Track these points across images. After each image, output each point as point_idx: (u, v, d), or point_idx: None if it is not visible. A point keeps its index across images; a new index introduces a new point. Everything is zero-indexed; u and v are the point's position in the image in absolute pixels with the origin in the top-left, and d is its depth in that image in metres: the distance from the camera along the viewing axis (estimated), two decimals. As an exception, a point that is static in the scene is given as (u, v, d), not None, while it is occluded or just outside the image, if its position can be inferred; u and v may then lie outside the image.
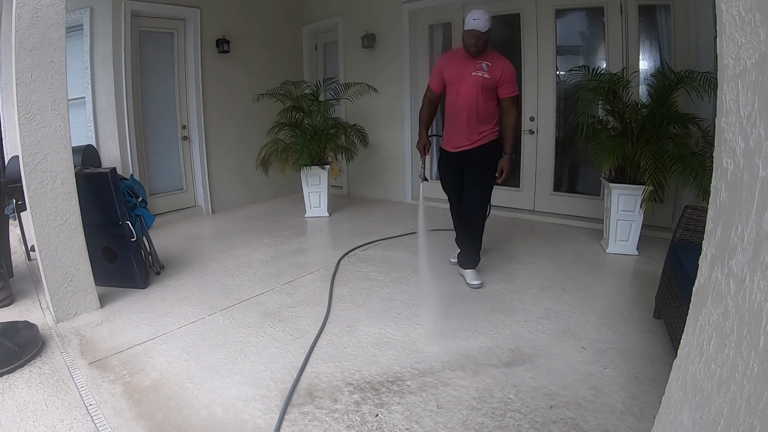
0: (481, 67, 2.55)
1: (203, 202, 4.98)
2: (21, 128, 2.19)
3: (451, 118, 2.73)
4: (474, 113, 2.61)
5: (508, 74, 2.57)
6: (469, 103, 2.60)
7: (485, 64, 2.56)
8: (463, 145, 2.69)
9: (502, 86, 2.58)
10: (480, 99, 2.58)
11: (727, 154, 0.72)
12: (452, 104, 2.69)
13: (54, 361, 2.03)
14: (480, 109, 2.60)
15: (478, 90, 2.57)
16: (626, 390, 1.73)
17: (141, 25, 4.28)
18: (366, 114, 5.24)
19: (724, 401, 0.68)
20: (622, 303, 2.52)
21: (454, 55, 2.73)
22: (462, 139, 2.69)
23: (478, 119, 2.62)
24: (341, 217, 4.70)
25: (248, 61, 5.18)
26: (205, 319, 2.44)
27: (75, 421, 1.62)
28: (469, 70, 2.57)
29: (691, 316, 0.81)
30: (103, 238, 2.77)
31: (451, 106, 2.70)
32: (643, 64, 3.73)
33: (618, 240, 3.31)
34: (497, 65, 2.56)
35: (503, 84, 2.57)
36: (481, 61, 2.56)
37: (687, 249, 2.04)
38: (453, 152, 2.76)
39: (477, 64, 2.56)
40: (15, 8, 2.10)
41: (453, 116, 2.71)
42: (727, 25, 0.69)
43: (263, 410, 1.67)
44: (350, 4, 5.33)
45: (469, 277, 2.79)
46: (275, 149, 4.52)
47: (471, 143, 2.67)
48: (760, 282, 0.62)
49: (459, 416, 1.61)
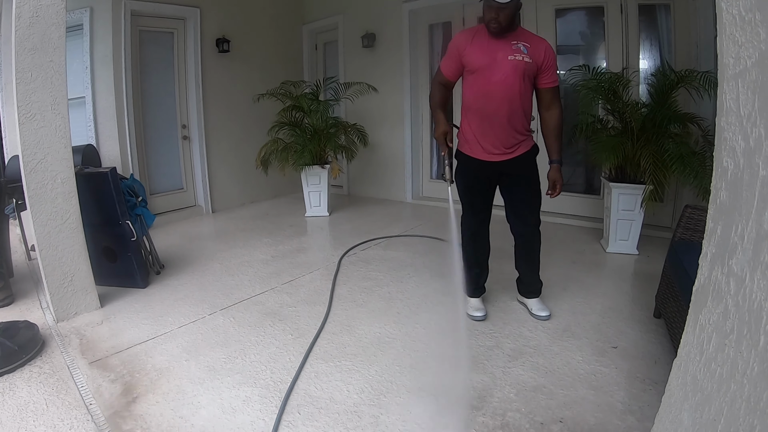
0: (519, 49, 2.00)
1: (203, 201, 4.98)
2: (21, 128, 2.19)
3: (479, 115, 2.12)
4: (515, 110, 2.05)
5: (551, 57, 2.04)
6: (509, 97, 2.03)
7: (522, 45, 2.01)
8: (499, 153, 2.12)
9: (544, 73, 2.05)
10: (521, 91, 2.03)
11: (727, 154, 0.71)
12: (482, 97, 2.08)
13: (54, 360, 2.04)
14: (522, 105, 2.06)
15: (519, 79, 2.01)
16: (626, 390, 1.73)
17: (141, 25, 4.28)
18: (366, 113, 5.24)
19: (724, 401, 0.68)
20: (622, 302, 2.51)
21: (478, 34, 2.08)
22: (497, 145, 2.11)
23: (518, 117, 2.08)
24: (341, 216, 4.70)
25: (248, 60, 5.18)
26: (206, 318, 2.44)
27: (75, 421, 1.62)
28: (503, 53, 2.01)
29: (692, 316, 0.81)
30: (104, 238, 2.77)
31: (479, 99, 2.10)
32: (644, 64, 3.72)
33: (618, 239, 3.31)
34: (537, 46, 2.03)
35: (545, 70, 2.04)
36: (516, 41, 2.02)
37: (687, 248, 2.03)
38: (483, 161, 2.16)
39: (512, 45, 2.01)
40: (15, 8, 2.10)
41: (483, 114, 2.10)
42: (727, 24, 0.69)
43: (263, 410, 1.67)
44: (350, 4, 5.33)
45: (536, 307, 2.35)
46: (275, 149, 4.52)
47: (510, 150, 2.12)
48: (760, 281, 0.62)
49: (459, 416, 1.61)
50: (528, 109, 2.11)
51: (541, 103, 2.13)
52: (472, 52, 2.07)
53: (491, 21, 1.97)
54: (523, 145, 2.14)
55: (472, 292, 2.43)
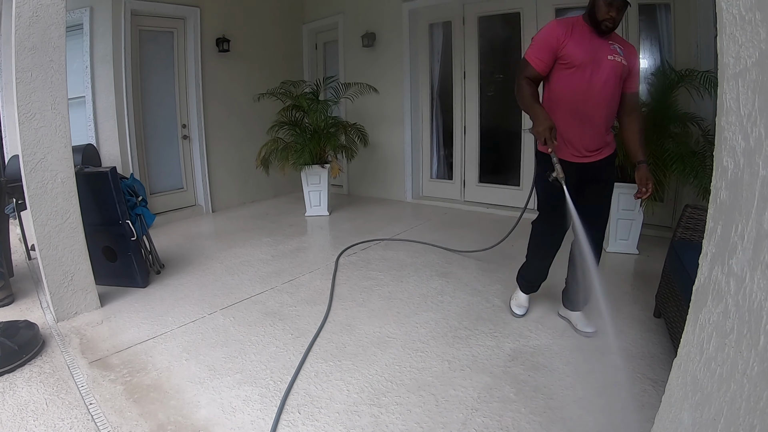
0: (616, 51, 1.93)
1: (203, 201, 4.98)
2: (21, 127, 2.19)
3: (571, 114, 1.98)
4: (611, 111, 2.01)
5: (638, 62, 2.03)
6: (607, 98, 1.96)
7: (618, 47, 1.94)
8: (589, 154, 2.02)
9: (632, 77, 1.99)
10: (616, 92, 1.98)
11: (727, 153, 0.71)
12: (580, 96, 1.95)
13: (54, 360, 2.04)
14: (615, 107, 2.01)
15: (617, 80, 1.94)
16: (626, 390, 1.72)
17: (141, 24, 4.28)
18: (366, 113, 5.24)
19: (724, 400, 0.68)
20: (623, 302, 2.51)
21: (576, 27, 1.96)
22: (589, 145, 2.01)
23: (611, 119, 2.03)
24: (341, 216, 4.70)
25: (248, 60, 5.18)
26: (206, 318, 2.44)
27: (75, 421, 1.62)
28: (603, 53, 1.91)
29: (692, 315, 0.81)
30: (104, 238, 2.77)
31: (575, 98, 1.97)
32: (644, 63, 3.72)
33: (618, 239, 3.31)
34: (629, 49, 1.97)
35: (634, 74, 1.99)
36: (612, 42, 1.95)
37: (687, 248, 2.03)
38: (571, 162, 2.01)
39: (610, 46, 1.93)
40: (15, 7, 2.10)
41: (576, 113, 1.97)
42: (727, 23, 0.69)
43: (263, 409, 1.67)
44: (350, 3, 5.33)
45: (581, 323, 2.20)
46: (275, 148, 4.52)
47: (598, 151, 2.03)
48: (761, 281, 0.62)
49: (459, 416, 1.61)
50: (616, 112, 2.04)
51: (625, 106, 2.03)
52: (573, 47, 1.93)
53: (607, 19, 1.87)
54: (609, 147, 2.07)
55: (527, 287, 2.37)
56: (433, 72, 5.07)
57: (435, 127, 5.19)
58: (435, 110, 5.15)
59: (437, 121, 5.19)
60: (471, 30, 4.60)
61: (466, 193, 4.93)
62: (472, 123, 4.77)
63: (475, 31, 4.58)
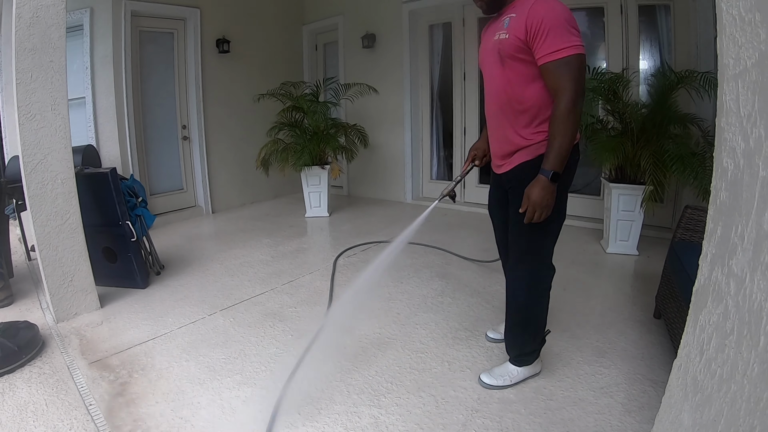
0: (502, 25, 1.51)
1: (203, 202, 4.98)
2: (21, 128, 2.19)
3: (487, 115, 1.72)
4: (502, 105, 1.57)
5: (536, 19, 1.39)
6: (494, 90, 1.60)
7: (508, 18, 1.49)
8: (499, 163, 1.68)
9: (534, 43, 1.42)
10: (505, 78, 1.53)
11: (727, 154, 0.71)
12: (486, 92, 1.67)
13: (54, 361, 2.03)
14: (511, 98, 1.53)
15: (496, 63, 1.54)
16: (626, 390, 1.72)
17: (141, 25, 4.28)
18: (366, 114, 5.24)
19: (724, 401, 0.68)
20: (622, 303, 2.51)
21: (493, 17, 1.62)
22: (495, 150, 1.69)
23: (507, 116, 1.57)
24: (341, 217, 4.70)
25: (248, 61, 5.18)
26: (206, 319, 2.43)
27: (75, 421, 1.62)
28: (490, 35, 1.58)
29: (692, 316, 0.81)
30: (104, 238, 2.77)
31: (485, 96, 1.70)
32: (644, 64, 3.73)
33: (618, 240, 3.30)
34: (522, 11, 1.44)
35: (534, 38, 1.41)
36: (509, 15, 1.50)
37: (687, 249, 2.03)
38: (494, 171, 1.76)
39: (502, 23, 1.51)
40: (15, 8, 2.10)
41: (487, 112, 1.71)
42: (727, 25, 0.69)
43: (263, 410, 1.66)
44: (350, 4, 5.33)
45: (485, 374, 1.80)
46: (275, 149, 4.52)
47: (504, 159, 1.64)
48: (760, 282, 0.62)
49: (459, 417, 1.61)
50: (527, 104, 1.51)
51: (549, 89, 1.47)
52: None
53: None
54: (521, 154, 1.56)
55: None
56: (433, 73, 5.07)
57: (435, 128, 5.20)
58: (435, 111, 5.15)
59: (437, 122, 5.19)
60: (471, 31, 4.60)
61: (466, 194, 4.94)
62: (472, 124, 4.77)
63: (475, 32, 4.58)
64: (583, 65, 1.44)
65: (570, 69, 1.41)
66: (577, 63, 1.42)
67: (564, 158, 1.44)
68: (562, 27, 1.39)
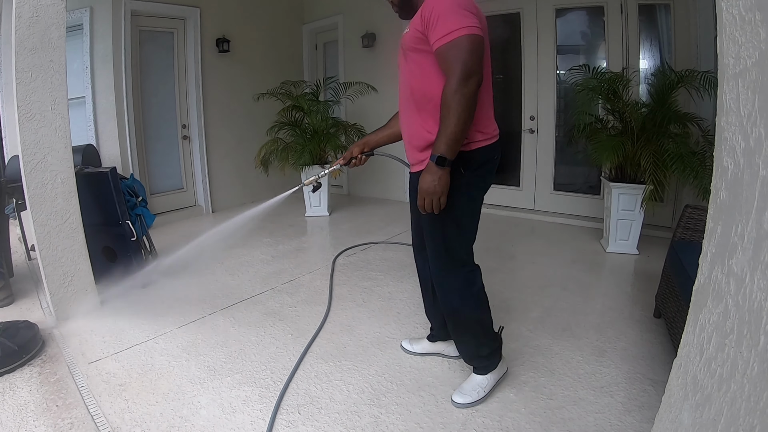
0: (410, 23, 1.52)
1: (203, 201, 4.98)
2: (21, 128, 2.19)
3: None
4: (407, 99, 1.57)
5: (429, 6, 1.39)
6: (401, 84, 1.60)
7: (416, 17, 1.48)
8: (411, 161, 1.63)
9: (428, 31, 1.40)
10: (407, 72, 1.55)
11: (727, 154, 0.71)
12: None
13: (54, 360, 2.03)
14: (413, 91, 1.53)
15: (401, 57, 1.56)
16: (626, 389, 1.73)
17: (141, 25, 4.28)
18: (366, 113, 5.24)
19: (724, 400, 0.68)
20: (622, 302, 2.51)
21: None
22: (407, 146, 1.65)
23: (413, 110, 1.55)
24: (341, 216, 4.70)
25: (248, 60, 5.18)
26: (205, 318, 2.44)
27: (75, 420, 1.62)
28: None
29: (691, 316, 0.81)
30: (104, 238, 2.77)
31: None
32: (644, 63, 3.73)
33: (618, 239, 3.31)
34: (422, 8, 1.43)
35: (429, 28, 1.39)
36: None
37: (687, 248, 2.04)
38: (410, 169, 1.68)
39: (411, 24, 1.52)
40: (15, 8, 2.10)
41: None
42: (727, 24, 0.69)
43: (263, 410, 1.67)
44: (350, 4, 5.33)
45: (456, 396, 1.70)
46: (275, 148, 4.52)
47: (415, 159, 1.60)
48: (761, 281, 0.62)
49: (459, 416, 1.61)
50: (429, 95, 1.48)
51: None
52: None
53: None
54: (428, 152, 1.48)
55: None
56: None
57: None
58: (435, 110, 5.14)
59: (437, 121, 5.18)
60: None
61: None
62: (472, 123, 4.76)
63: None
64: (476, 46, 1.35)
65: (459, 50, 1.34)
66: (468, 43, 1.34)
67: (454, 142, 1.37)
68: (453, 11, 1.35)
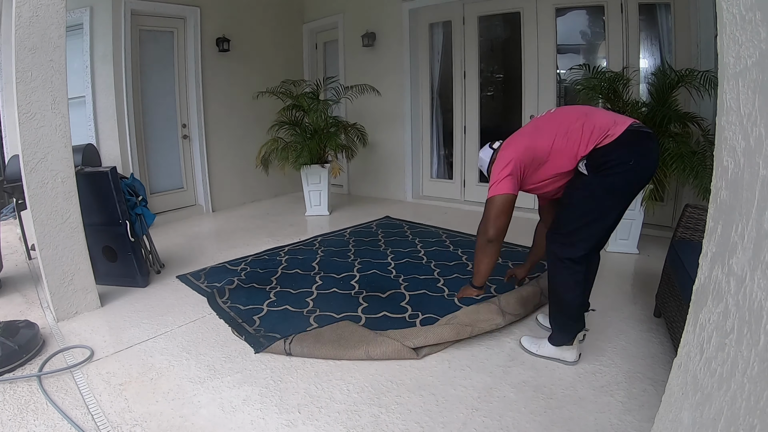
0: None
1: (203, 200, 4.98)
2: (21, 127, 2.19)
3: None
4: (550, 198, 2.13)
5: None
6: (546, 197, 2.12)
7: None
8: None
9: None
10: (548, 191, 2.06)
11: (727, 153, 0.71)
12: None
13: (54, 360, 2.04)
14: (553, 186, 2.03)
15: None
16: (626, 389, 1.73)
17: (141, 24, 4.28)
18: (366, 113, 5.24)
19: (724, 400, 0.68)
20: (623, 302, 2.51)
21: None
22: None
23: (556, 185, 2.03)
24: (342, 215, 4.70)
25: (248, 59, 5.18)
26: (206, 317, 2.44)
27: (75, 420, 1.62)
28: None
29: (692, 315, 0.81)
30: (104, 237, 2.77)
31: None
32: (644, 63, 3.72)
33: (618, 239, 3.30)
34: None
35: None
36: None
37: (687, 248, 2.03)
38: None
39: None
40: (15, 7, 2.10)
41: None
42: (727, 23, 0.69)
43: (263, 409, 1.67)
44: (350, 3, 5.33)
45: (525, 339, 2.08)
46: (275, 148, 4.52)
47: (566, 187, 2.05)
48: (761, 281, 0.62)
49: (459, 415, 1.61)
50: (561, 174, 1.93)
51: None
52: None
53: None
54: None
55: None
56: (433, 71, 5.07)
57: (435, 126, 5.19)
58: (435, 110, 5.15)
59: (437, 120, 5.19)
60: (471, 30, 4.60)
61: (466, 192, 4.94)
62: (473, 122, 4.77)
63: (476, 30, 4.58)
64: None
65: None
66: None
67: (480, 276, 2.00)
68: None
